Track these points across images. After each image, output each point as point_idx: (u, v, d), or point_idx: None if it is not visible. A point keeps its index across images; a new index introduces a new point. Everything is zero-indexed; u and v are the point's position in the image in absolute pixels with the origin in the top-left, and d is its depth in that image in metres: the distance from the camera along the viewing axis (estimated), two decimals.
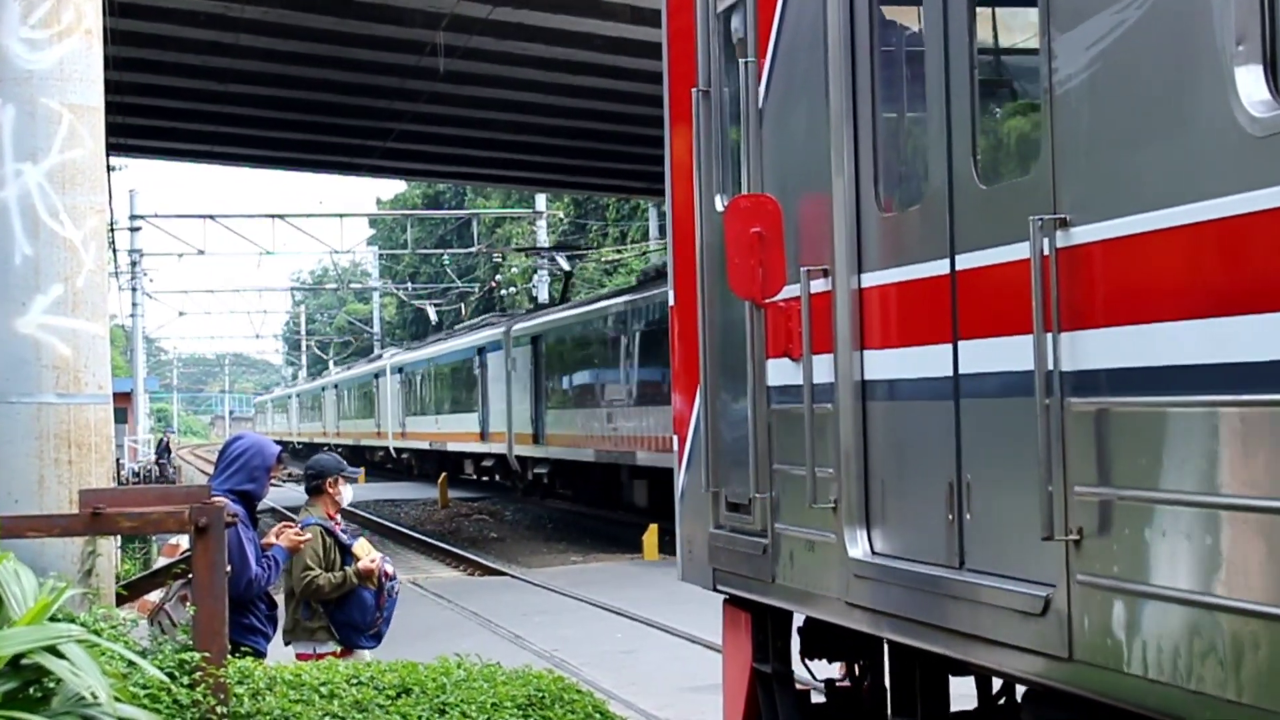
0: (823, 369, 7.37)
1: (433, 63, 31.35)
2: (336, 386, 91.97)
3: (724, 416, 8.88)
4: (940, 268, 6.43)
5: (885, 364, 7.05)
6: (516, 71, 34.52)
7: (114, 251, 57.20)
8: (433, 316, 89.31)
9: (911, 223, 6.94)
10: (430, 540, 35.77)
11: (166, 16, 30.09)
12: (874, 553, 7.01)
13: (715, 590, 9.18)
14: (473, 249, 75.06)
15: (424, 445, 61.35)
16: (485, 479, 52.66)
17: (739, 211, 7.83)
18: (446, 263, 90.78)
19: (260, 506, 10.46)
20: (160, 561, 13.24)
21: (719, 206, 8.85)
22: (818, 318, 7.38)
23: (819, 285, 7.41)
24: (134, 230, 63.01)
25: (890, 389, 7.04)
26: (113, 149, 34.92)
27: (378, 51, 32.72)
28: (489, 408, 50.43)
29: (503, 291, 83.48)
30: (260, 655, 9.18)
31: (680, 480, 10.00)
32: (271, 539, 9.94)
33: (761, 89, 8.21)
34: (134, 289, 64.80)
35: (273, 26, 30.71)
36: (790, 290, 7.70)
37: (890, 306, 7.06)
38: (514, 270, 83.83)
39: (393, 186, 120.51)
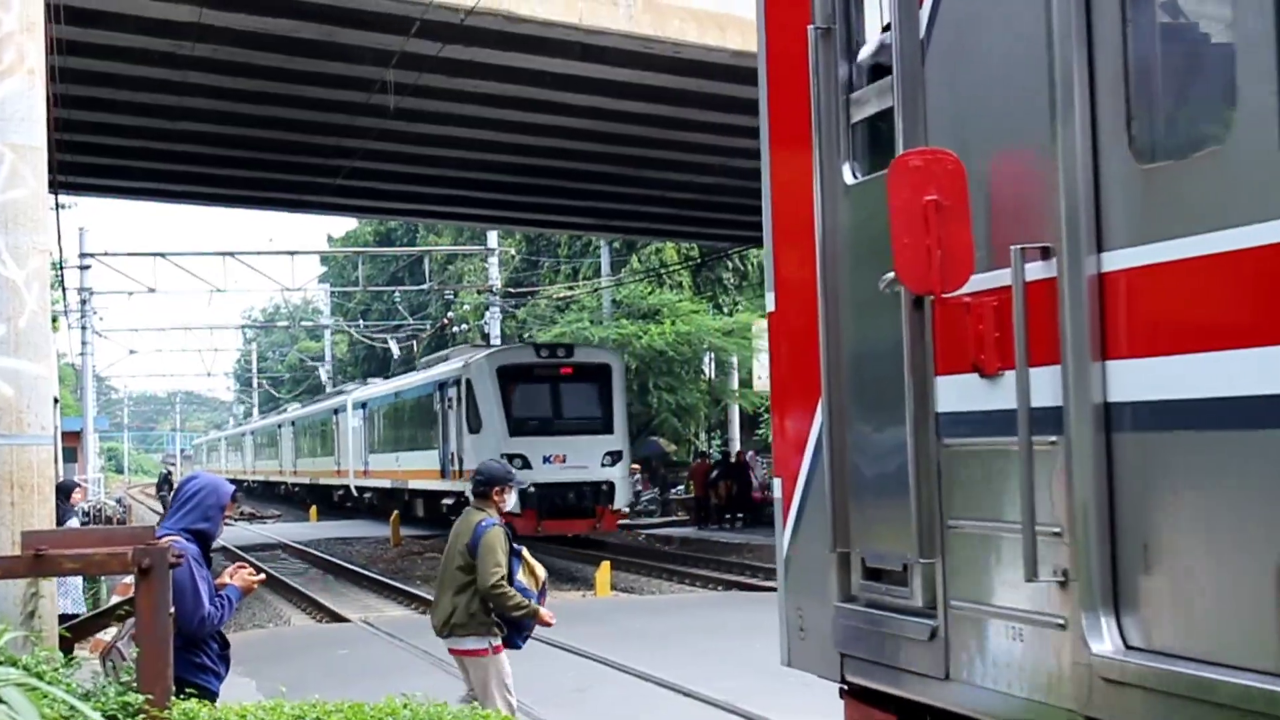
0: (1042, 388, 5.36)
1: (383, 100, 30.99)
2: (254, 433, 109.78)
3: (860, 453, 6.94)
4: (1261, 235, 4.42)
5: (1145, 379, 5.00)
6: (467, 109, 34.03)
7: (63, 290, 56.95)
8: (323, 376, 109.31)
9: (1197, 175, 4.81)
10: (382, 579, 35.34)
11: (116, 55, 29.62)
12: (1128, 647, 5.03)
13: (843, 682, 7.38)
14: (424, 286, 76.46)
15: (307, 480, 78.34)
16: (439, 517, 55.54)
17: (906, 174, 5.83)
18: (398, 300, 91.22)
19: (214, 545, 10.41)
20: (114, 599, 13.05)
21: (849, 178, 7.06)
22: (1035, 316, 5.37)
23: (1037, 270, 5.40)
24: (83, 268, 62.73)
25: (1153, 414, 4.99)
26: (62, 187, 34.47)
27: (328, 89, 32.15)
28: (340, 452, 66.92)
29: (455, 329, 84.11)
30: (211, 694, 8.91)
31: (785, 537, 7.95)
32: (225, 579, 9.50)
33: (924, 13, 6.28)
34: (84, 327, 64.47)
35: (223, 64, 30.24)
36: (984, 279, 5.79)
37: (1154, 297, 5.00)
38: (465, 307, 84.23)
39: (344, 224, 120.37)
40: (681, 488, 58.42)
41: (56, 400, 33.69)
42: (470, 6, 25.11)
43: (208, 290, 59.14)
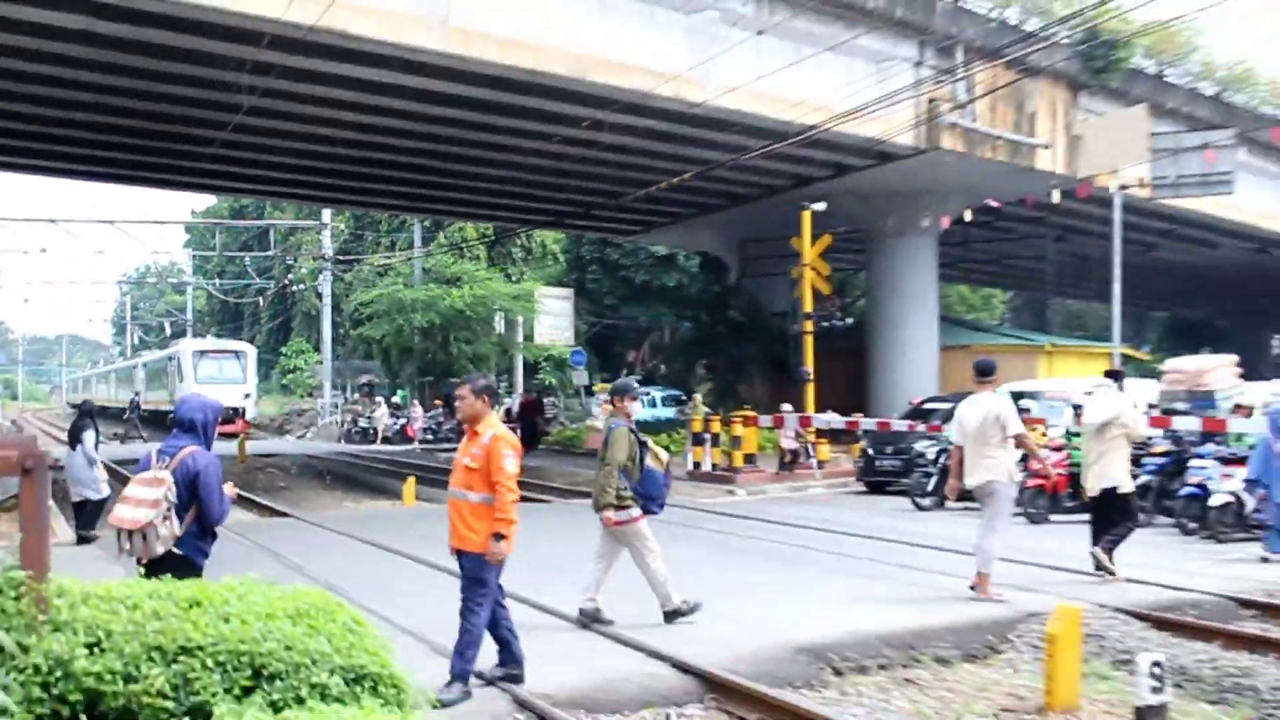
0: None
1: (238, 99, 30.61)
2: (98, 376, 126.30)
3: None
4: None
5: None
6: (307, 109, 32.34)
7: None
8: (134, 358, 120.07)
9: None
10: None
11: (14, 55, 28.65)
12: None
13: None
14: (270, 253, 76.18)
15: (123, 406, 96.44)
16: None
17: None
18: (249, 264, 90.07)
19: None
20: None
21: None
22: None
23: None
24: None
25: None
26: None
27: (195, 89, 30.62)
28: (136, 388, 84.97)
29: (294, 289, 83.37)
30: (198, 570, 9.25)
31: None
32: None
33: None
34: None
35: (107, 66, 28.94)
36: None
37: None
38: (303, 271, 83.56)
39: (205, 200, 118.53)
40: None
41: None
42: (311, 25, 24.77)
43: (92, 252, 58.38)
